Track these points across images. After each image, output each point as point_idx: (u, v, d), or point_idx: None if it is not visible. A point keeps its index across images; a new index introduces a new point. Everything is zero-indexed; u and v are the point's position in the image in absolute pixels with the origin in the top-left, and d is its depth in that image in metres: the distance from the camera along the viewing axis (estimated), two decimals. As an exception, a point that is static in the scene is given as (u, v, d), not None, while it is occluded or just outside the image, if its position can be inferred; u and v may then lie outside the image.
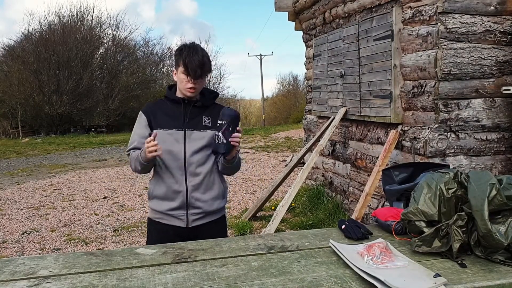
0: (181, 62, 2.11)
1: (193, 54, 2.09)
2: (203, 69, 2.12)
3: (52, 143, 16.88)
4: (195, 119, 2.19)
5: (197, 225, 2.20)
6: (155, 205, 2.23)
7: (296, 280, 1.42)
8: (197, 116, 2.20)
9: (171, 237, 2.10)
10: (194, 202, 2.18)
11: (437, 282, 1.35)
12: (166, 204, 2.19)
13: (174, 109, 2.21)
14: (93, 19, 27.09)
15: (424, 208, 1.66)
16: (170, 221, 2.20)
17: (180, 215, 2.18)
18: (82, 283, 1.45)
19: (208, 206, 2.21)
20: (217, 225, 2.29)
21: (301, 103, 29.78)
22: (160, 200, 2.21)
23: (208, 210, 2.21)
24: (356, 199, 4.97)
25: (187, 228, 2.19)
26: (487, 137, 3.64)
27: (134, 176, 9.03)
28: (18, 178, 9.35)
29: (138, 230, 5.30)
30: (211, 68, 2.20)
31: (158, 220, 2.23)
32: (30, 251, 4.70)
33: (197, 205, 2.18)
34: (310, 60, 6.78)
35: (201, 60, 2.10)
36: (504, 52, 3.58)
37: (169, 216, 2.20)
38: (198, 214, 2.20)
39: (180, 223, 2.19)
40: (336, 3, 5.54)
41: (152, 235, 2.29)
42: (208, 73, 2.20)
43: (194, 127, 2.18)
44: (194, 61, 2.08)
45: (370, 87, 4.60)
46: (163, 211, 2.20)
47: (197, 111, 2.21)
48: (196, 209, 2.19)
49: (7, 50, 25.41)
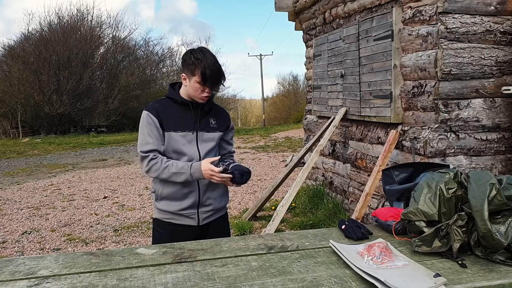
0: (198, 71, 2.10)
1: (211, 65, 2.09)
2: (221, 80, 2.16)
3: (52, 143, 16.88)
4: (203, 120, 2.24)
5: (207, 223, 2.27)
6: (164, 206, 2.22)
7: (296, 280, 1.42)
8: (205, 118, 2.26)
9: (182, 237, 2.11)
10: (205, 201, 2.23)
11: (437, 282, 1.35)
12: (176, 204, 2.20)
13: (182, 111, 2.21)
14: (93, 19, 27.10)
15: (424, 208, 1.66)
16: (182, 221, 2.22)
17: (191, 214, 2.22)
18: (82, 283, 1.45)
19: (217, 203, 2.29)
20: (223, 221, 2.39)
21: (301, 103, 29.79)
22: (170, 200, 2.21)
23: (218, 207, 2.30)
24: (356, 199, 4.96)
25: (199, 226, 2.23)
26: (487, 137, 3.64)
27: (134, 176, 9.03)
28: (18, 178, 9.35)
29: (138, 230, 5.30)
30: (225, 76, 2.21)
31: (168, 220, 2.23)
32: (30, 251, 4.70)
33: (208, 203, 2.25)
34: (310, 60, 6.78)
35: (220, 71, 2.13)
36: (504, 52, 3.58)
37: (181, 216, 2.22)
38: (208, 212, 2.26)
39: (191, 222, 2.22)
40: (336, 3, 5.54)
41: (162, 236, 2.25)
42: (224, 81, 2.20)
43: (204, 128, 2.24)
44: (214, 73, 2.09)
45: (370, 87, 4.60)
46: (174, 212, 2.21)
47: (204, 113, 2.26)
48: (207, 207, 2.25)
49: (7, 50, 25.41)
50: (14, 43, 25.93)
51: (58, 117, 23.67)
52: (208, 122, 2.26)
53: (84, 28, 26.49)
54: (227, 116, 2.39)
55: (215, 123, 2.28)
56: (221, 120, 2.32)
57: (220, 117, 2.32)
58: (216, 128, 2.27)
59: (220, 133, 2.29)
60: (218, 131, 2.28)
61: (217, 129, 2.28)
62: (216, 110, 2.33)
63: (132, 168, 10.20)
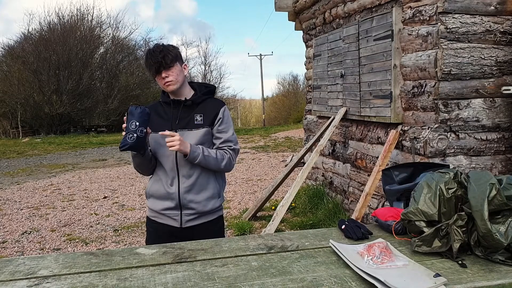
0: (147, 68, 2.17)
1: (149, 56, 2.11)
2: (162, 61, 2.07)
3: (52, 143, 16.89)
4: (186, 118, 2.16)
5: (191, 226, 2.18)
6: (151, 204, 2.25)
7: (296, 280, 1.42)
8: (189, 115, 2.16)
9: (166, 237, 2.12)
10: (187, 204, 2.16)
11: (437, 282, 1.35)
12: (161, 204, 2.19)
13: (166, 111, 2.20)
14: (93, 19, 27.12)
15: (424, 208, 1.66)
16: (165, 221, 2.21)
17: (174, 215, 2.18)
18: (82, 283, 1.45)
19: (202, 206, 2.17)
20: (214, 226, 2.24)
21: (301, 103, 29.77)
22: (156, 199, 2.22)
23: (202, 210, 2.18)
24: (356, 199, 4.96)
25: (181, 228, 2.18)
26: (487, 137, 3.64)
27: (134, 176, 9.03)
28: (18, 178, 9.35)
29: (138, 230, 5.30)
30: (174, 54, 2.11)
31: (154, 218, 2.25)
32: (30, 251, 4.69)
33: (191, 206, 2.16)
34: (310, 60, 6.78)
35: (157, 50, 2.09)
36: (504, 52, 3.58)
37: (164, 216, 2.21)
38: (192, 215, 2.17)
39: (174, 223, 2.19)
40: (336, 3, 5.54)
41: (150, 234, 2.31)
42: (173, 60, 2.10)
43: (185, 126, 2.15)
44: (153, 54, 2.09)
45: (370, 87, 4.60)
46: (158, 210, 2.21)
47: (189, 109, 2.17)
48: (190, 210, 2.16)
49: (7, 50, 25.40)
50: (14, 43, 25.97)
51: (58, 117, 23.67)
52: (192, 119, 2.15)
53: (84, 28, 26.50)
54: (216, 106, 2.20)
55: (202, 119, 2.15)
56: (208, 113, 2.17)
57: (207, 111, 2.17)
58: (201, 125, 2.14)
59: (205, 128, 2.14)
60: (203, 127, 2.14)
61: (202, 125, 2.14)
62: (206, 104, 2.19)
63: (132, 168, 10.16)
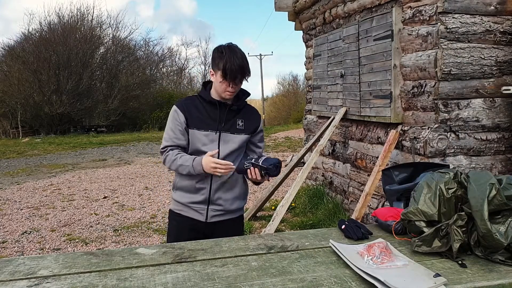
0: (221, 65, 2.09)
1: (233, 58, 2.07)
2: (243, 74, 2.11)
3: (52, 143, 16.88)
4: (229, 121, 2.21)
5: (216, 221, 2.24)
6: (178, 197, 2.27)
7: (296, 280, 1.42)
8: (232, 119, 2.21)
9: (188, 230, 2.17)
10: (215, 200, 2.22)
11: (437, 282, 1.35)
12: (188, 197, 2.23)
13: (209, 110, 2.20)
14: (93, 19, 27.11)
15: (424, 208, 1.66)
16: (190, 214, 2.24)
17: (201, 209, 2.22)
18: (82, 283, 1.45)
19: (229, 204, 2.25)
20: (235, 224, 2.33)
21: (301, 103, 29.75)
22: (184, 192, 2.24)
23: (229, 208, 2.26)
24: (356, 199, 4.96)
25: (206, 223, 2.23)
26: (487, 137, 3.64)
27: (134, 176, 9.03)
28: (18, 178, 9.35)
29: (138, 230, 5.30)
30: (250, 71, 2.17)
31: (179, 212, 2.27)
32: (30, 251, 4.69)
33: (219, 203, 2.23)
34: (310, 60, 6.78)
35: (241, 64, 2.09)
36: (504, 52, 3.58)
37: (190, 209, 2.24)
38: (218, 211, 2.24)
39: (199, 216, 2.23)
40: (336, 3, 5.54)
41: (172, 227, 2.33)
42: (248, 76, 2.17)
43: (229, 130, 2.20)
44: (235, 66, 2.07)
45: (370, 87, 4.60)
46: (185, 203, 2.24)
47: (232, 114, 2.22)
48: (217, 206, 2.23)
49: (7, 50, 25.40)
50: (14, 43, 25.97)
51: (58, 117, 23.67)
52: (235, 123, 2.21)
53: (84, 28, 26.49)
54: (258, 118, 2.32)
55: (243, 124, 2.22)
56: (250, 122, 2.25)
57: (249, 118, 2.26)
58: (242, 130, 2.21)
59: (246, 135, 2.23)
60: (244, 134, 2.22)
61: (243, 131, 2.22)
62: (247, 111, 2.27)
63: (132, 168, 10.19)
